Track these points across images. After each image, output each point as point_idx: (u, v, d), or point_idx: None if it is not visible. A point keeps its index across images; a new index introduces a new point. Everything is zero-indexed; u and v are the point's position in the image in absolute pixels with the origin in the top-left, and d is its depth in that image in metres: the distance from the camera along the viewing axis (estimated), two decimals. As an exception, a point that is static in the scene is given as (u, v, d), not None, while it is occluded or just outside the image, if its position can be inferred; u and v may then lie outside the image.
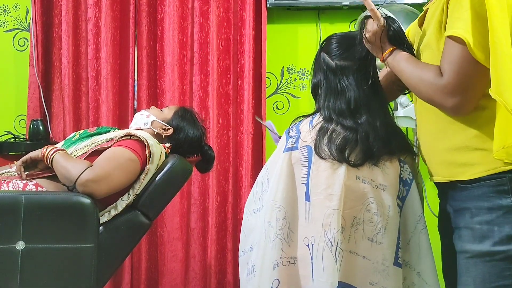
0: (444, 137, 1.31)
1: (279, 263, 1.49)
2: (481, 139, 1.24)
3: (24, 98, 2.84)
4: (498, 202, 1.22)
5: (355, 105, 1.49)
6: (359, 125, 1.47)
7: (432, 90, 1.25)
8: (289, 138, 1.55)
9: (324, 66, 1.56)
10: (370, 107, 1.50)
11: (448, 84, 1.21)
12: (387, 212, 1.46)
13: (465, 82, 1.20)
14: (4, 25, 2.94)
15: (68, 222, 1.61)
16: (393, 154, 1.49)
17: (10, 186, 1.72)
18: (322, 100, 1.55)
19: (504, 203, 1.21)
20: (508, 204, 1.21)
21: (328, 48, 1.57)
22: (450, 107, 1.23)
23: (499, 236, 1.21)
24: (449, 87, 1.21)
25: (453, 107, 1.23)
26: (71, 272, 1.61)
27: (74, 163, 1.71)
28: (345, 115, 1.49)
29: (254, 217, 1.58)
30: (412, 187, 1.50)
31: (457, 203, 1.32)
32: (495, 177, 1.22)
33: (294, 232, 1.50)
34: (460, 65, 1.19)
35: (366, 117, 1.48)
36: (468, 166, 1.26)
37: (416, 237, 1.48)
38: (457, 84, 1.20)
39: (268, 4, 2.73)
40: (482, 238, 1.24)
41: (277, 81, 2.88)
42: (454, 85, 1.20)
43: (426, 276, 1.47)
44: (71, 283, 1.62)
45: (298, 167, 1.50)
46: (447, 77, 1.21)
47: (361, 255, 1.45)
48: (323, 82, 1.55)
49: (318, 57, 1.60)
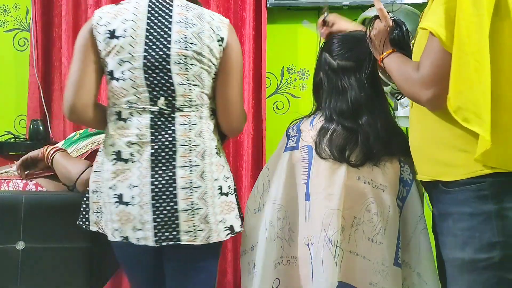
0: (432, 135, 1.29)
1: (280, 262, 1.49)
2: (465, 140, 1.19)
3: (24, 98, 2.84)
4: (479, 208, 1.17)
5: (356, 105, 1.49)
6: (360, 126, 1.47)
7: (410, 84, 1.24)
8: (290, 137, 1.55)
9: (325, 66, 1.56)
10: (371, 107, 1.50)
11: (423, 76, 1.20)
12: (387, 213, 1.45)
13: (440, 73, 1.17)
14: (4, 25, 2.94)
15: (68, 222, 1.61)
16: (393, 155, 1.49)
17: (10, 186, 1.72)
18: (323, 100, 1.55)
19: (484, 208, 1.16)
20: (489, 210, 1.16)
21: (330, 48, 1.57)
22: (426, 99, 1.21)
23: (480, 243, 1.17)
24: (424, 79, 1.19)
25: (429, 100, 1.20)
26: (71, 272, 1.62)
27: (74, 162, 1.71)
28: (345, 116, 1.49)
29: (255, 216, 1.58)
30: (413, 187, 1.50)
31: (440, 206, 1.29)
32: (476, 182, 1.18)
33: (294, 232, 1.50)
34: (434, 57, 1.17)
35: (367, 117, 1.48)
36: (451, 167, 1.23)
37: (416, 237, 1.48)
38: (431, 75, 1.18)
39: (268, 4, 2.73)
40: (464, 245, 1.19)
41: (277, 81, 2.87)
42: (429, 77, 1.19)
43: (426, 276, 1.47)
44: (70, 283, 1.62)
45: (299, 166, 1.50)
46: (422, 69, 1.20)
47: (361, 255, 1.45)
48: (325, 82, 1.55)
49: (320, 57, 1.60)
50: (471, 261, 1.18)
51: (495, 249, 1.15)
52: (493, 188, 1.16)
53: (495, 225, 1.15)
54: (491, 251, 1.15)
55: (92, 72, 1.50)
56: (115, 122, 1.49)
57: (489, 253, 1.15)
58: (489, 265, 1.16)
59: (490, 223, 1.15)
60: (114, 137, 1.48)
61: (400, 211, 1.50)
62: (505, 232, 1.15)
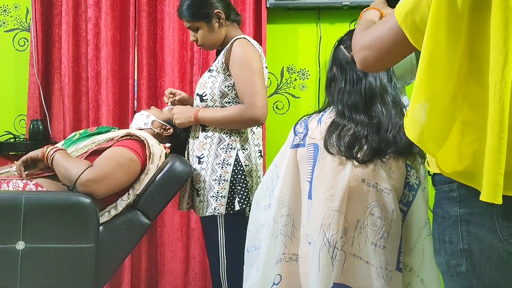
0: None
1: (282, 259, 1.49)
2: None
3: (24, 98, 2.84)
4: (448, 211, 1.10)
5: (370, 94, 1.49)
6: (372, 117, 1.47)
7: (353, 41, 1.22)
8: (296, 134, 1.55)
9: (340, 58, 1.56)
10: (384, 99, 1.50)
11: (364, 37, 1.17)
12: (390, 217, 1.44)
13: (376, 42, 1.13)
14: (4, 25, 2.94)
15: (68, 222, 1.61)
16: (401, 154, 1.48)
17: (10, 186, 1.71)
18: (336, 94, 1.55)
19: (451, 212, 1.09)
20: (455, 214, 1.08)
21: (345, 42, 1.57)
22: (357, 59, 1.19)
23: (450, 248, 1.09)
24: (363, 40, 1.17)
25: (359, 60, 1.18)
26: (71, 272, 1.61)
27: (74, 163, 1.71)
28: (358, 109, 1.49)
29: (265, 213, 1.58)
30: (419, 192, 1.48)
31: (434, 203, 1.23)
32: (448, 182, 1.10)
33: (297, 229, 1.50)
34: (383, 27, 1.13)
35: (380, 107, 1.48)
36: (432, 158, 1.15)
37: (421, 243, 1.46)
38: (368, 40, 1.15)
39: (268, 4, 2.73)
40: (439, 249, 1.13)
41: (277, 81, 2.87)
42: (367, 40, 1.16)
43: (429, 283, 1.45)
44: (71, 283, 1.62)
45: (303, 164, 1.50)
46: (367, 32, 1.18)
47: (364, 260, 1.44)
48: (338, 75, 1.55)
49: (335, 51, 1.60)
50: (447, 266, 1.11)
51: (461, 256, 1.07)
52: (462, 190, 1.08)
53: (460, 230, 1.07)
54: (459, 258, 1.08)
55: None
56: None
57: (457, 259, 1.08)
58: (459, 272, 1.09)
59: (456, 228, 1.08)
60: None
61: (405, 216, 1.48)
62: (469, 239, 1.06)
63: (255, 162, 1.99)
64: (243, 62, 1.92)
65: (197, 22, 1.99)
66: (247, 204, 1.90)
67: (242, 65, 1.92)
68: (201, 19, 1.98)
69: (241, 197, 1.90)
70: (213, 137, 1.97)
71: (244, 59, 1.92)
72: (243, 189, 1.91)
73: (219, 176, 1.92)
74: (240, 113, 1.90)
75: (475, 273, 1.06)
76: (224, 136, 1.96)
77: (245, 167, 1.94)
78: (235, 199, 1.91)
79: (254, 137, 2.02)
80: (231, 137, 1.96)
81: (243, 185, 1.92)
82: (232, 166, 1.93)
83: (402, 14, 1.08)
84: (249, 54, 1.93)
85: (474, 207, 1.06)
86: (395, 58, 1.16)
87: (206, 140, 1.97)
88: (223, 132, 1.96)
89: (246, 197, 1.91)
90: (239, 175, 1.92)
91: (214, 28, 2.00)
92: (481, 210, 1.05)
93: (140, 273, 2.80)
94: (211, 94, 1.97)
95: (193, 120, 1.97)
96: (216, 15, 1.98)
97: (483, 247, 1.05)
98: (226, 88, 1.96)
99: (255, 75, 1.91)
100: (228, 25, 2.03)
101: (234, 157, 1.94)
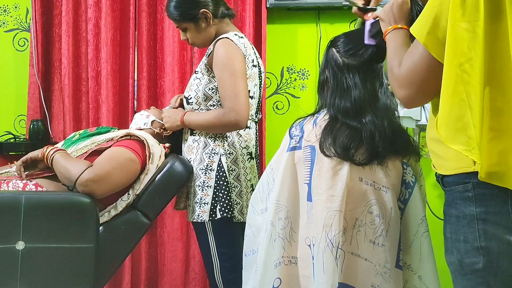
0: (430, 127, 1.27)
1: (281, 262, 1.49)
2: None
3: (24, 98, 2.84)
4: (463, 210, 1.13)
5: (360, 104, 1.49)
6: (364, 125, 1.47)
7: (391, 77, 1.23)
8: (292, 137, 1.55)
9: (332, 62, 1.55)
10: (375, 107, 1.49)
11: (399, 75, 1.18)
12: (389, 214, 1.45)
13: (413, 77, 1.15)
14: (4, 25, 2.94)
15: (68, 222, 1.61)
16: (398, 153, 1.49)
17: (10, 186, 1.71)
18: (328, 98, 1.55)
19: (467, 211, 1.12)
20: (471, 213, 1.11)
21: (337, 44, 1.57)
22: (399, 98, 1.21)
23: (464, 247, 1.12)
24: (399, 78, 1.18)
25: (402, 99, 1.20)
26: (71, 272, 1.61)
27: (74, 163, 1.71)
28: (349, 115, 1.48)
29: (262, 216, 1.58)
30: (415, 190, 1.49)
31: (444, 207, 1.26)
32: (461, 183, 1.13)
33: (296, 232, 1.50)
34: (413, 59, 1.15)
35: (371, 116, 1.47)
36: (443, 160, 1.19)
37: (418, 240, 1.47)
38: (405, 77, 1.17)
39: (268, 4, 2.73)
40: (452, 248, 1.16)
41: (277, 81, 2.87)
42: (403, 79, 1.17)
43: (427, 280, 1.46)
44: (71, 283, 1.62)
45: (301, 166, 1.50)
46: (401, 68, 1.18)
47: (363, 257, 1.44)
48: (330, 79, 1.55)
49: (327, 52, 1.59)
50: (460, 265, 1.14)
51: (478, 254, 1.10)
52: (477, 190, 1.11)
53: (476, 229, 1.11)
54: (475, 256, 1.11)
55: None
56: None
57: (473, 257, 1.11)
58: (475, 270, 1.11)
59: (473, 226, 1.11)
60: None
61: (402, 213, 1.49)
62: (486, 236, 1.09)
63: (243, 165, 1.94)
64: (224, 64, 1.86)
65: (184, 23, 1.98)
66: (229, 213, 1.87)
67: (223, 67, 1.86)
68: (188, 20, 1.96)
69: (223, 204, 1.87)
70: (199, 141, 1.94)
71: (225, 60, 1.87)
72: (225, 196, 1.88)
73: (202, 182, 1.89)
74: (218, 117, 1.86)
75: (492, 270, 1.10)
76: (209, 141, 1.93)
77: (230, 172, 1.90)
78: (217, 207, 1.88)
79: (241, 140, 1.96)
80: (215, 141, 1.93)
81: (225, 192, 1.88)
82: (215, 172, 1.89)
83: (423, 35, 1.10)
84: (230, 55, 1.87)
85: (490, 206, 1.10)
86: (434, 84, 1.14)
87: (194, 144, 1.96)
88: (209, 137, 1.93)
89: (228, 204, 1.87)
90: (221, 182, 1.89)
91: (202, 28, 1.97)
92: (497, 209, 1.09)
93: (140, 273, 2.79)
94: (196, 97, 1.95)
95: (180, 124, 1.96)
96: (203, 15, 1.95)
97: (500, 245, 1.09)
98: (210, 91, 1.92)
99: (236, 77, 1.85)
100: (217, 22, 1.99)
101: (216, 162, 1.90)
